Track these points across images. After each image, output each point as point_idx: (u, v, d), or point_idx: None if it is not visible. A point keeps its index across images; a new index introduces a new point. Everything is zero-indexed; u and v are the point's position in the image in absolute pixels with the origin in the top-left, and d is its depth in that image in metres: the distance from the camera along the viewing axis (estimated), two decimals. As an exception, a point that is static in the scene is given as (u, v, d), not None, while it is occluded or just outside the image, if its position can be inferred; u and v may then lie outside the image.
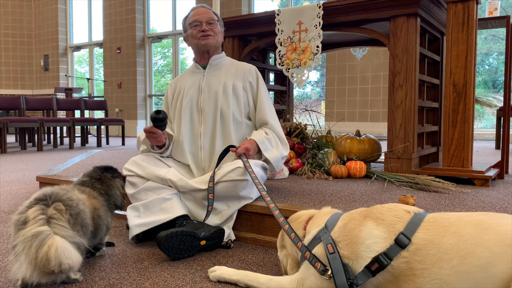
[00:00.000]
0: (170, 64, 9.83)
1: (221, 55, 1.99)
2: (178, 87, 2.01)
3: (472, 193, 1.94)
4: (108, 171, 1.59)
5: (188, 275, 1.38)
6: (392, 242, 1.01)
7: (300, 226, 1.27)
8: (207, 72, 1.96)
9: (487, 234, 0.92)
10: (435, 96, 2.76)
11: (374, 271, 1.01)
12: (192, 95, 1.93)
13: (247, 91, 1.94)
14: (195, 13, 1.94)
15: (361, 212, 1.14)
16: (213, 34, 1.92)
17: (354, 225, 1.10)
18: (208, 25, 1.91)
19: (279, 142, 1.91)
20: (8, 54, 10.61)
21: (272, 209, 1.39)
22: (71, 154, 5.03)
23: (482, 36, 6.81)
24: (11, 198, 2.58)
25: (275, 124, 1.93)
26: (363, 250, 1.04)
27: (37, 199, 1.25)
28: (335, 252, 1.08)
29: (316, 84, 8.82)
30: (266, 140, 1.85)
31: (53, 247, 1.12)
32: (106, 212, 1.49)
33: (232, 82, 1.92)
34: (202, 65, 1.98)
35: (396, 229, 1.03)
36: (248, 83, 1.94)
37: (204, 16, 1.91)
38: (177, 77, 2.07)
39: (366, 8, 2.38)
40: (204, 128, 1.89)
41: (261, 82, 1.97)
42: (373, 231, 1.05)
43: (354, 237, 1.07)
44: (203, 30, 1.89)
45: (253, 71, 1.97)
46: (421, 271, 0.96)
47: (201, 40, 1.90)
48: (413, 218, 1.04)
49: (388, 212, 1.08)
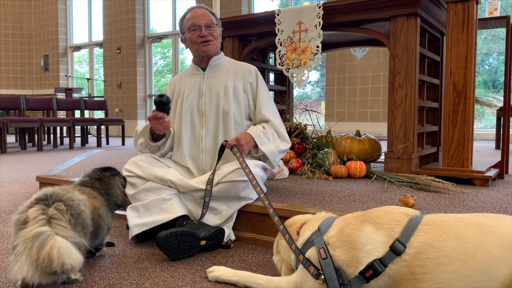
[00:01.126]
0: (170, 64, 9.83)
1: (220, 56, 1.96)
2: (177, 88, 1.99)
3: (472, 193, 1.94)
4: (107, 171, 1.59)
5: (188, 275, 1.38)
6: (388, 248, 1.00)
7: (294, 232, 1.26)
8: (207, 74, 1.94)
9: (487, 237, 0.92)
10: (435, 96, 2.76)
11: (369, 277, 1.00)
12: (192, 98, 1.91)
13: (248, 92, 1.92)
14: (193, 15, 1.88)
15: (358, 216, 1.12)
16: (213, 39, 1.88)
17: (352, 230, 1.08)
18: (208, 29, 1.86)
19: (276, 136, 1.87)
20: (8, 54, 10.61)
21: (267, 207, 1.40)
22: (71, 154, 5.03)
23: (482, 36, 6.81)
24: (11, 198, 2.58)
25: (276, 120, 1.90)
26: (363, 256, 1.02)
27: (38, 199, 1.25)
28: (327, 257, 1.06)
29: (316, 84, 8.82)
30: (262, 134, 1.82)
31: (55, 248, 1.12)
32: (106, 212, 1.49)
33: (233, 84, 1.90)
34: (202, 67, 1.96)
35: (396, 233, 1.02)
36: (249, 84, 1.92)
37: (202, 20, 1.86)
38: (176, 77, 2.05)
39: (366, 8, 2.38)
40: (205, 131, 1.88)
41: (260, 81, 1.95)
42: (373, 236, 1.03)
43: (353, 243, 1.05)
44: (202, 36, 1.85)
45: (252, 71, 1.95)
46: (422, 275, 0.95)
47: (202, 46, 1.87)
48: (409, 223, 1.02)
49: (385, 216, 1.06)
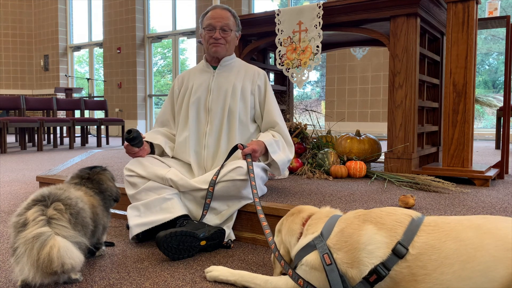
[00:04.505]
0: (170, 64, 9.83)
1: (231, 57, 1.99)
2: (185, 83, 2.01)
3: (472, 193, 1.94)
4: (94, 168, 1.58)
5: (188, 275, 1.38)
6: (390, 251, 0.99)
7: (300, 221, 1.25)
8: (217, 72, 1.97)
9: (486, 239, 0.92)
10: (435, 96, 2.76)
11: (373, 282, 1.00)
12: (200, 94, 1.94)
13: (255, 95, 1.95)
14: (212, 15, 1.90)
15: (359, 216, 1.11)
16: (225, 43, 1.90)
17: (353, 230, 1.07)
18: (222, 33, 1.89)
19: (285, 145, 1.91)
20: (8, 54, 10.61)
21: (261, 220, 1.40)
22: (71, 154, 5.03)
23: (482, 36, 6.81)
24: (11, 198, 2.58)
25: (283, 126, 1.94)
26: (365, 256, 1.02)
27: (35, 200, 1.24)
28: (332, 263, 1.05)
29: (316, 84, 8.82)
30: (274, 143, 1.84)
31: (55, 248, 1.12)
32: (102, 211, 1.49)
33: (242, 84, 1.93)
34: (213, 66, 1.99)
35: (398, 234, 1.01)
36: (257, 87, 1.96)
37: (219, 22, 1.88)
38: (185, 72, 2.06)
39: (366, 8, 2.38)
40: (210, 128, 1.90)
41: (268, 86, 1.99)
42: (375, 236, 1.03)
43: (354, 243, 1.05)
44: (215, 38, 1.88)
45: (261, 75, 1.99)
46: (422, 276, 0.95)
47: (212, 47, 1.90)
48: (411, 224, 1.02)
49: (388, 217, 1.06)
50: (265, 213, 1.70)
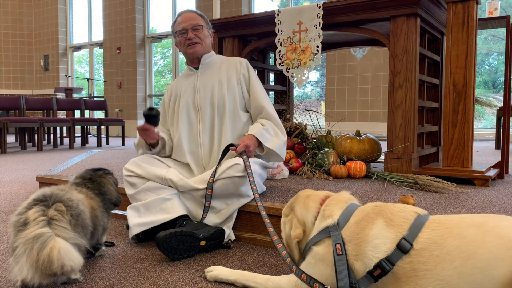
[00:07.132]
0: (170, 64, 9.83)
1: (210, 54, 2.02)
2: (174, 92, 2.05)
3: (472, 193, 1.94)
4: (99, 170, 1.59)
5: (188, 275, 1.38)
6: (395, 246, 1.00)
7: (317, 199, 1.23)
8: (200, 72, 2.00)
9: (488, 236, 0.93)
10: (435, 96, 2.76)
11: (377, 276, 1.00)
12: (188, 96, 1.97)
13: (241, 84, 1.97)
14: (181, 20, 1.96)
15: (375, 207, 1.12)
16: (200, 41, 1.95)
17: (366, 223, 1.08)
18: (194, 32, 1.93)
19: (276, 129, 1.93)
20: (8, 54, 10.61)
21: (263, 216, 1.40)
22: (71, 154, 5.03)
23: (482, 36, 6.81)
24: (11, 198, 2.58)
25: (270, 109, 1.95)
26: (371, 249, 1.03)
27: (36, 200, 1.24)
28: (343, 254, 1.06)
29: (316, 84, 8.82)
30: (264, 131, 1.85)
31: (55, 249, 1.12)
32: (102, 213, 1.49)
33: (227, 77, 1.96)
34: (195, 67, 2.02)
35: (403, 229, 1.02)
36: (242, 76, 1.98)
37: (189, 23, 1.93)
38: (172, 83, 2.12)
39: (366, 8, 2.38)
40: (202, 126, 1.93)
41: (252, 72, 2.01)
42: (382, 231, 1.04)
43: (364, 236, 1.06)
44: (189, 38, 1.92)
45: (243, 63, 2.01)
46: (424, 272, 0.96)
47: (189, 48, 1.94)
48: (416, 221, 1.03)
49: (398, 213, 1.07)
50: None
